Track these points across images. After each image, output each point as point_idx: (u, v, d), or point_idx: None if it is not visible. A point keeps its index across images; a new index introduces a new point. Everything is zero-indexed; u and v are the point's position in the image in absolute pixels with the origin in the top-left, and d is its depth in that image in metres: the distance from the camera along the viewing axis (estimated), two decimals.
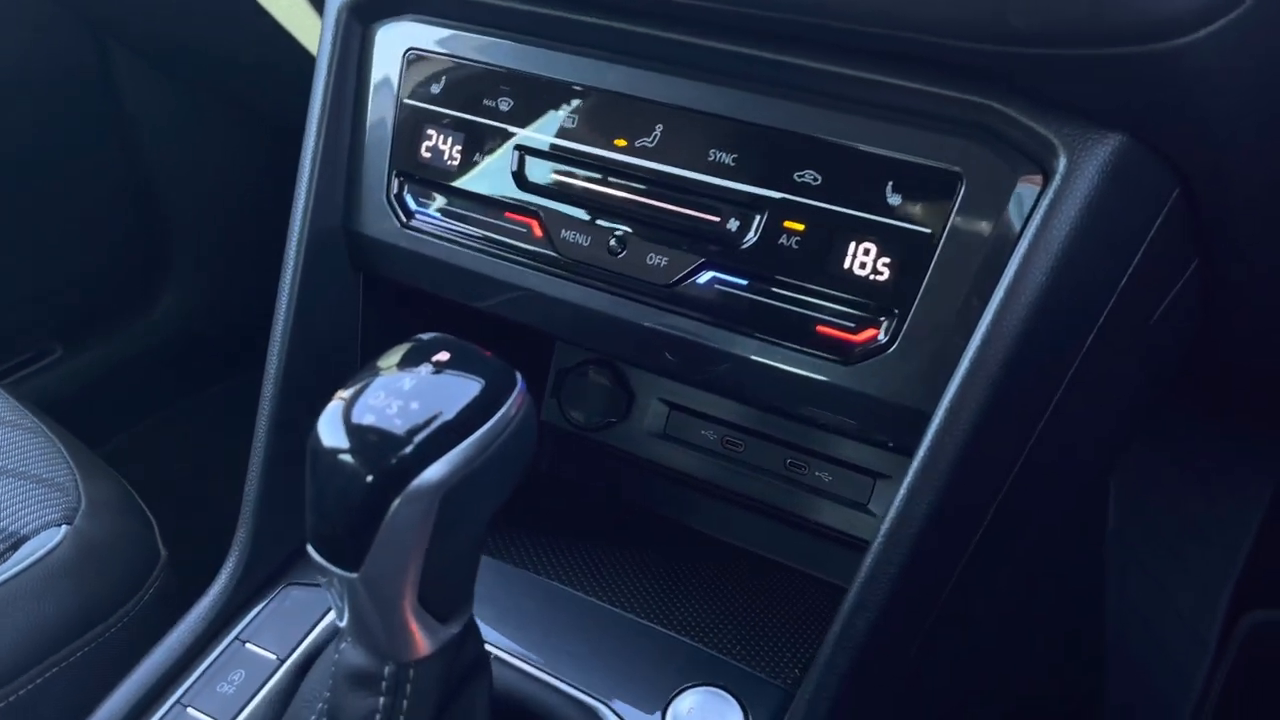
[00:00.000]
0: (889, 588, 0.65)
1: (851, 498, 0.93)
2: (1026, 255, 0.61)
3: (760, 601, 0.87)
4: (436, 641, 0.61)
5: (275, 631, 0.79)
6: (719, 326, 0.72)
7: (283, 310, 0.83)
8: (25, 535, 0.83)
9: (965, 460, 0.63)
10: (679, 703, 0.73)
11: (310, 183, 0.81)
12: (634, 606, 0.83)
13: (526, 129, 0.76)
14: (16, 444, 0.92)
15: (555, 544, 0.90)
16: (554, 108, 0.75)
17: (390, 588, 0.56)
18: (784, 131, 0.68)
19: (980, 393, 0.63)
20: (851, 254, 0.67)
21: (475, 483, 0.55)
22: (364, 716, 0.61)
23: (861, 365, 0.67)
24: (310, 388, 0.84)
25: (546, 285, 0.78)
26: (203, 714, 0.74)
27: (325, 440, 0.55)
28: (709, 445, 0.99)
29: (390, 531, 0.54)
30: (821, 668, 0.66)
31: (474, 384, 0.56)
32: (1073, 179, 0.60)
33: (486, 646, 0.66)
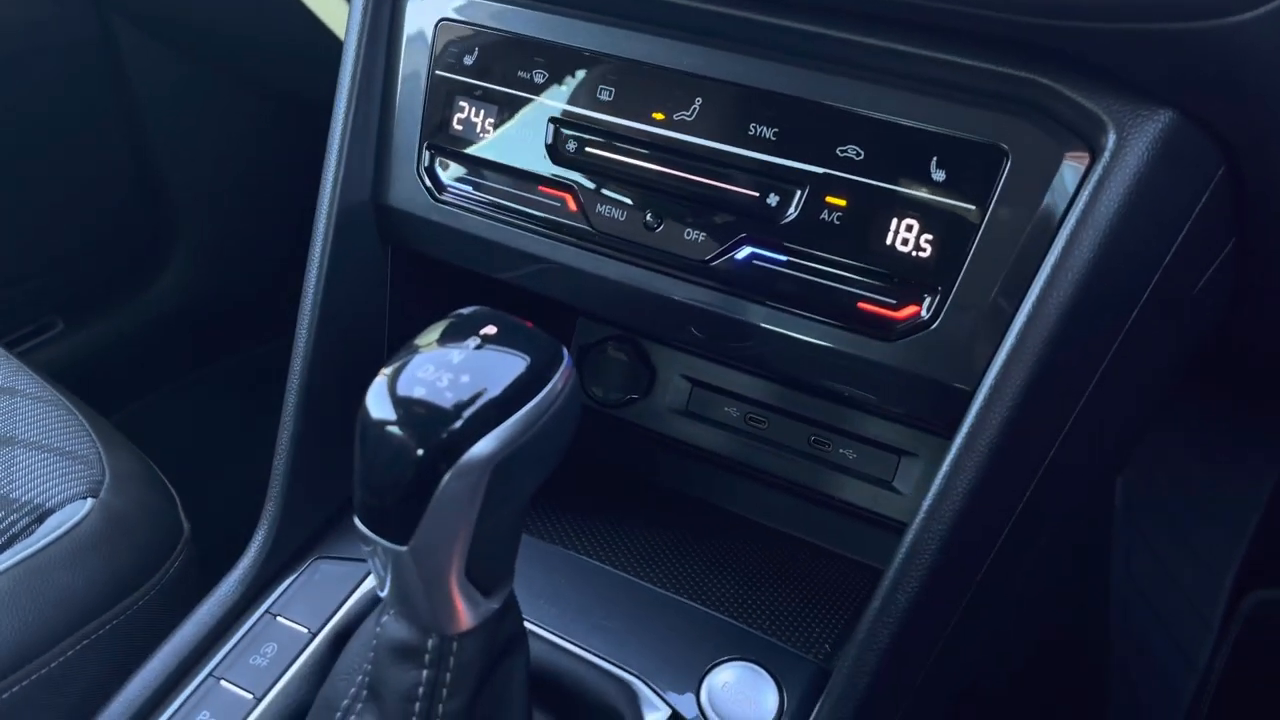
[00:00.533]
0: (928, 565, 0.65)
1: (876, 475, 0.93)
2: (1073, 233, 0.61)
3: (786, 578, 0.87)
4: (479, 615, 0.61)
5: (306, 605, 0.79)
6: (757, 303, 0.71)
7: (311, 284, 0.82)
8: (51, 508, 0.83)
9: (1007, 438, 0.63)
10: (713, 677, 0.73)
11: (340, 156, 0.81)
12: (665, 582, 0.83)
13: (561, 101, 0.75)
14: (39, 417, 0.91)
15: (582, 519, 0.90)
16: (590, 80, 0.74)
17: (438, 560, 0.56)
18: (826, 106, 0.67)
19: (1024, 371, 0.63)
20: (894, 230, 0.67)
21: (524, 456, 0.55)
22: (407, 689, 0.61)
23: (903, 342, 0.67)
24: (338, 362, 0.84)
25: (580, 260, 0.77)
26: (236, 686, 0.74)
27: (376, 413, 0.54)
28: (732, 422, 0.99)
29: (440, 505, 0.54)
30: (860, 644, 0.66)
31: (522, 358, 0.56)
32: (1121, 156, 0.60)
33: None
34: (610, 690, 0.73)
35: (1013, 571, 0.74)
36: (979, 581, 0.68)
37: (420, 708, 0.61)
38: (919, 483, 0.91)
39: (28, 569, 0.76)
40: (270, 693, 0.73)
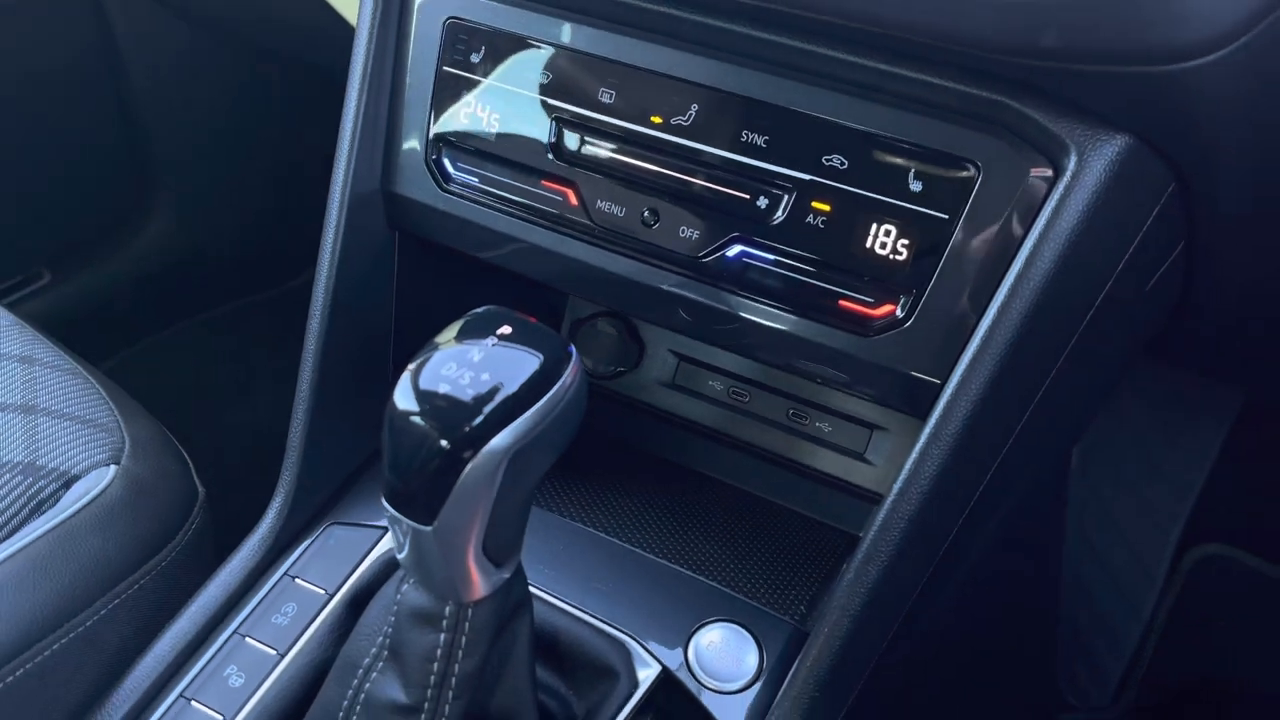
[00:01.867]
0: (897, 540, 0.72)
1: (849, 447, 0.99)
2: (1037, 243, 0.67)
3: (765, 542, 0.94)
4: (492, 584, 0.67)
5: (322, 567, 0.85)
6: (745, 297, 0.77)
7: (324, 266, 0.87)
8: (76, 474, 0.88)
9: (972, 426, 0.70)
10: (699, 637, 0.80)
11: (351, 147, 0.85)
12: (652, 547, 0.89)
13: (565, 102, 0.80)
14: (58, 385, 0.96)
15: (574, 486, 0.96)
16: (592, 82, 0.79)
17: (459, 538, 0.62)
18: (814, 117, 0.72)
19: (989, 366, 0.69)
20: (874, 234, 0.72)
21: (537, 445, 0.61)
22: (427, 650, 0.67)
23: (879, 338, 0.73)
24: (349, 339, 0.89)
25: (580, 251, 0.82)
26: (260, 643, 0.80)
27: (405, 407, 0.60)
28: (716, 395, 1.05)
29: (462, 490, 0.60)
30: (835, 609, 0.73)
31: (535, 356, 0.62)
32: (1082, 174, 0.66)
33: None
34: (605, 648, 0.80)
35: (975, 540, 0.81)
36: (944, 552, 0.76)
37: (438, 667, 0.68)
38: (889, 455, 0.98)
39: (61, 534, 0.82)
40: (292, 649, 0.79)
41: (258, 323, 2.11)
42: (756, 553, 0.92)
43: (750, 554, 0.92)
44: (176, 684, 0.79)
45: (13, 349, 0.99)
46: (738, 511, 0.99)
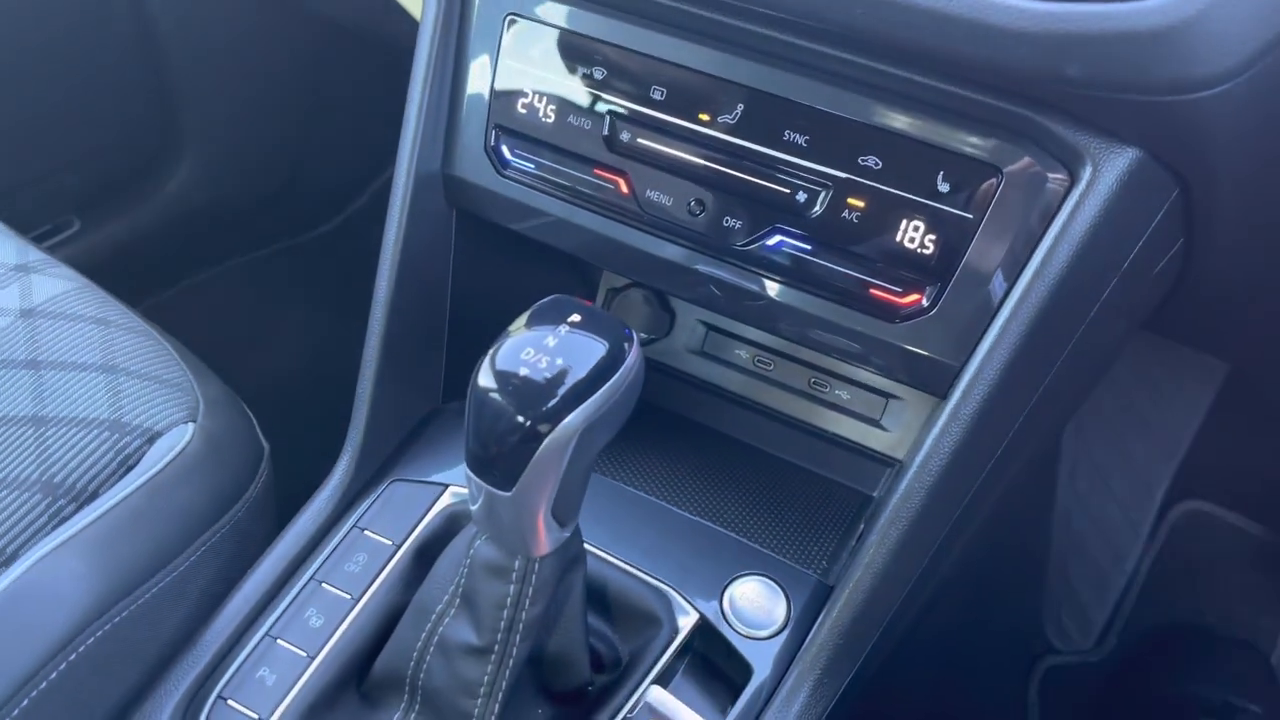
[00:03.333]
0: (917, 506, 0.80)
1: (866, 414, 1.07)
2: (1053, 242, 0.74)
3: (787, 500, 1.03)
4: (555, 542, 0.75)
5: (388, 521, 0.93)
6: (781, 282, 0.84)
7: (390, 240, 0.93)
8: (159, 431, 0.95)
9: (988, 405, 0.78)
10: (733, 588, 0.89)
11: (416, 132, 0.91)
12: (687, 505, 0.98)
13: (618, 97, 0.86)
14: (134, 347, 1.02)
15: (617, 450, 1.04)
16: (645, 80, 0.85)
17: (533, 503, 0.70)
18: (853, 120, 0.79)
19: (1006, 352, 0.77)
20: (904, 230, 0.79)
21: (603, 422, 0.69)
22: (498, 598, 0.76)
23: (905, 324, 0.81)
24: (410, 308, 0.96)
25: (627, 235, 0.89)
26: (336, 588, 0.88)
27: (489, 388, 0.67)
28: (741, 363, 1.12)
29: (539, 461, 0.67)
30: (860, 567, 0.82)
31: (602, 342, 0.69)
32: (1095, 182, 0.73)
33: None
34: (649, 598, 0.88)
35: (985, 504, 0.90)
36: (958, 517, 0.84)
37: (508, 614, 0.76)
38: (903, 422, 1.06)
39: (153, 487, 0.89)
40: (365, 595, 0.88)
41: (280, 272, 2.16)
42: (780, 510, 1.01)
43: (775, 512, 1.00)
44: (261, 624, 0.87)
45: (88, 311, 1.06)
46: (761, 471, 1.07)
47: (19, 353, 1.01)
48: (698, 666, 0.87)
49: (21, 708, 0.76)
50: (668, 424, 1.12)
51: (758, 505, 1.00)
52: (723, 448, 1.10)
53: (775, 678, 0.84)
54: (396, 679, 0.82)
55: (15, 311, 1.05)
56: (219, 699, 0.83)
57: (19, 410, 0.95)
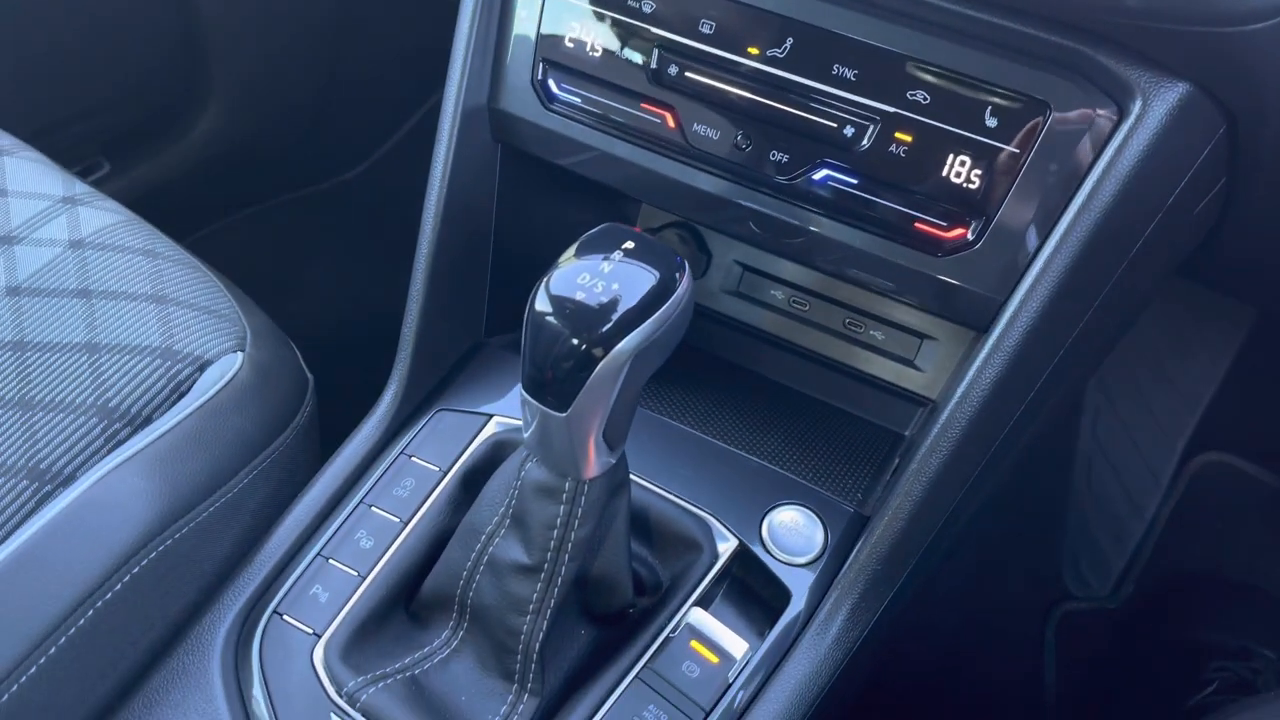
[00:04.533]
0: (956, 438, 0.82)
1: (900, 354, 1.09)
2: (1100, 177, 0.75)
3: (822, 437, 1.05)
4: (603, 465, 0.77)
5: (434, 448, 0.95)
6: (826, 216, 0.86)
7: (437, 175, 0.94)
8: (209, 359, 0.97)
9: (1030, 339, 0.79)
10: (773, 516, 0.91)
11: (464, 67, 0.92)
12: (727, 438, 1.00)
13: (667, 30, 0.86)
14: (183, 278, 1.04)
15: (655, 385, 1.06)
16: (694, 13, 0.85)
17: (586, 424, 0.72)
18: (901, 55, 0.80)
19: (1048, 286, 0.78)
20: (950, 164, 0.80)
21: (656, 346, 0.71)
22: (548, 519, 0.78)
23: (949, 258, 0.82)
24: (455, 241, 0.97)
25: (672, 169, 0.90)
26: (385, 511, 0.91)
27: (546, 312, 0.69)
28: (777, 304, 1.14)
29: (593, 384, 0.69)
30: (900, 495, 0.84)
31: (655, 269, 0.70)
32: (1145, 117, 0.74)
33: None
34: (690, 524, 0.90)
35: (1018, 443, 0.91)
36: (993, 452, 0.86)
37: (557, 534, 0.78)
38: (937, 362, 1.07)
39: (206, 412, 0.91)
40: (414, 518, 0.90)
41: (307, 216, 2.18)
42: (815, 445, 1.03)
43: (810, 446, 1.02)
44: (313, 545, 0.90)
45: (136, 242, 1.08)
46: (795, 409, 1.09)
47: (70, 282, 1.03)
48: (737, 591, 0.90)
49: (88, 617, 0.79)
50: (703, 364, 1.14)
51: (793, 440, 1.02)
52: (757, 387, 1.12)
53: (812, 603, 0.87)
54: (445, 598, 0.85)
55: (65, 242, 1.07)
56: (274, 614, 0.86)
57: (73, 338, 0.97)
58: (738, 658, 0.83)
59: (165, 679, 0.83)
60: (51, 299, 1.01)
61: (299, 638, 0.85)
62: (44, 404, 0.92)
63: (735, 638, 0.84)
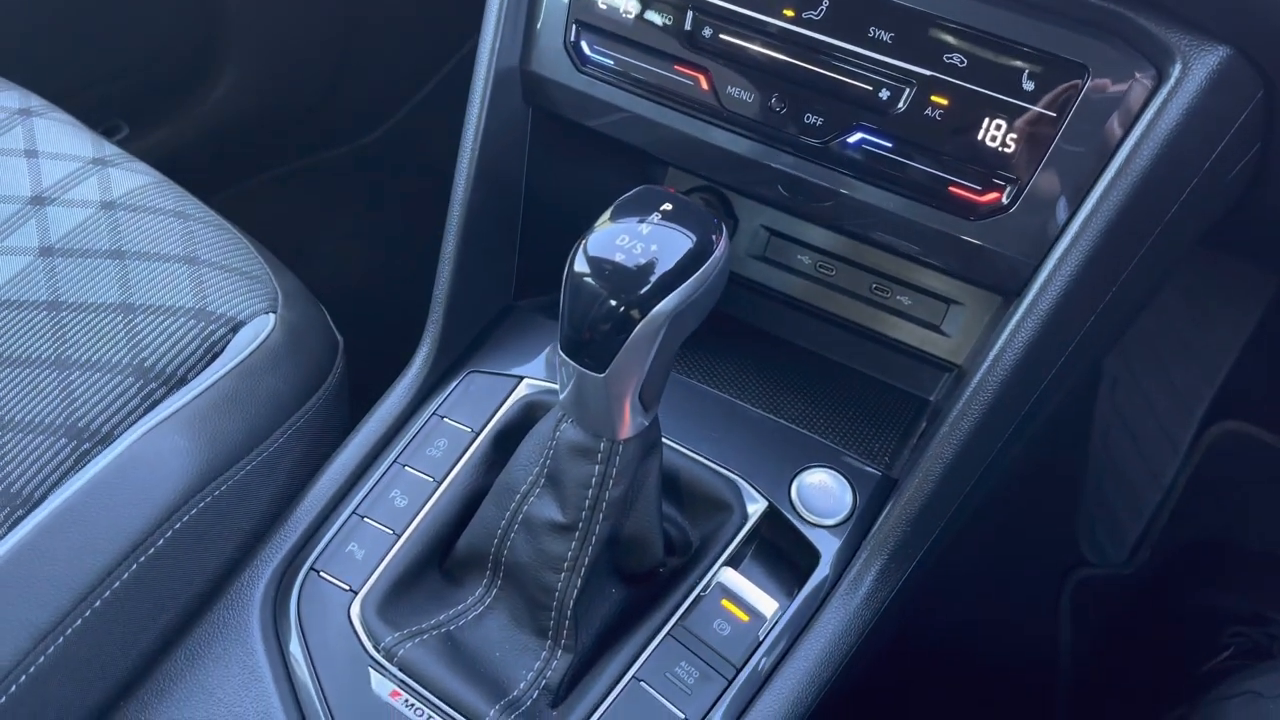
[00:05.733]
0: (987, 401, 0.82)
1: (927, 319, 1.09)
2: (1136, 142, 0.75)
3: (849, 402, 1.05)
4: (638, 426, 0.78)
5: (466, 409, 0.96)
6: (860, 179, 0.86)
7: (469, 137, 0.95)
8: (242, 320, 0.98)
9: (1062, 304, 0.80)
10: (802, 478, 0.92)
11: (496, 29, 0.92)
12: (755, 402, 1.00)
13: None
14: (214, 240, 1.05)
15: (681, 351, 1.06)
16: None
17: (622, 385, 0.73)
18: (938, 17, 0.79)
19: (1082, 250, 0.78)
20: (986, 128, 0.80)
21: (693, 308, 0.71)
22: (583, 478, 0.79)
23: (982, 222, 0.82)
24: (487, 204, 0.98)
25: (706, 133, 0.90)
26: (418, 471, 0.92)
27: (585, 273, 0.69)
28: (803, 269, 1.14)
29: (632, 344, 0.70)
30: (930, 458, 0.84)
31: (693, 231, 0.71)
32: (1184, 80, 0.74)
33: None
34: (720, 486, 0.91)
35: (1047, 407, 0.92)
36: (1023, 416, 0.86)
37: (592, 493, 0.79)
38: (963, 327, 1.08)
39: (242, 372, 0.92)
40: (448, 478, 0.91)
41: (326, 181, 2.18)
42: (842, 410, 1.03)
43: (836, 411, 1.03)
44: (348, 504, 0.91)
45: (167, 204, 1.09)
46: (820, 375, 1.10)
47: (103, 243, 1.04)
48: (766, 552, 0.91)
49: (131, 571, 0.80)
50: (729, 329, 1.14)
51: (820, 404, 1.03)
52: (782, 352, 1.13)
53: (841, 563, 0.88)
54: (479, 556, 0.86)
55: (97, 203, 1.08)
56: (311, 570, 0.88)
57: (107, 298, 0.98)
58: (768, 616, 0.84)
59: (206, 633, 0.85)
60: (85, 259, 1.02)
61: (336, 594, 0.86)
62: (80, 363, 0.93)
63: (765, 597, 0.85)
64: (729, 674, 0.82)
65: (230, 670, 0.82)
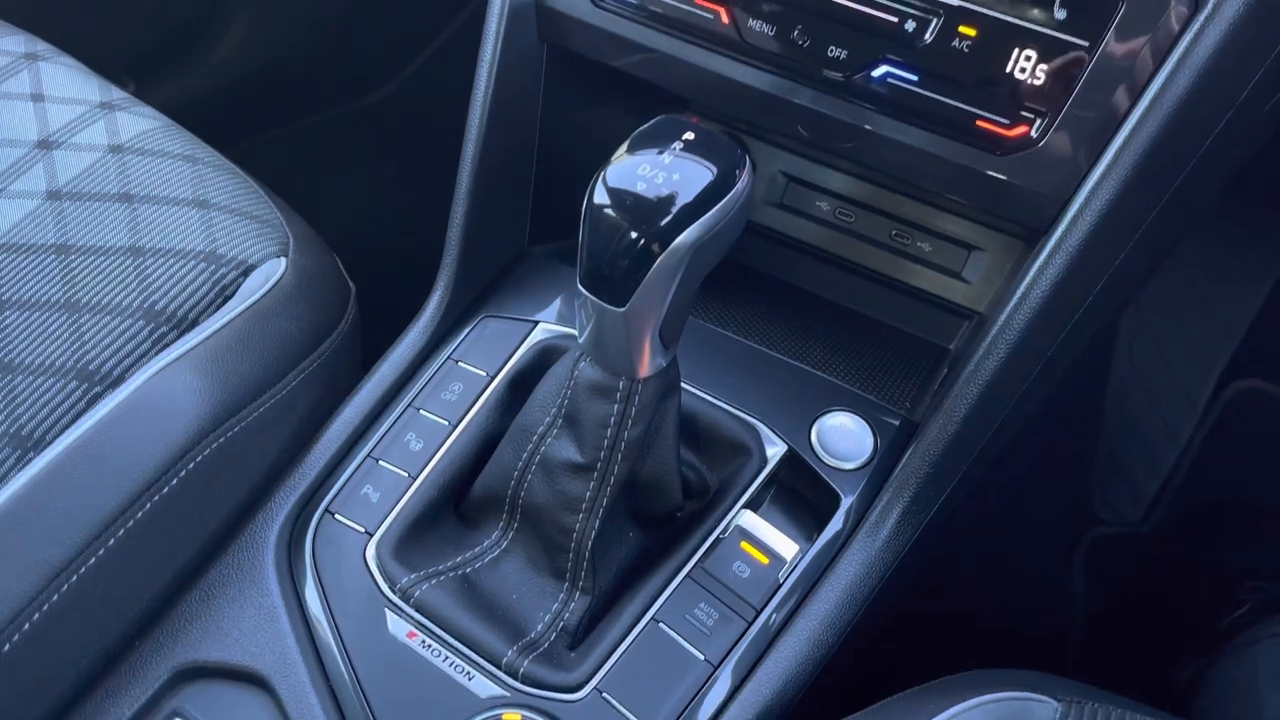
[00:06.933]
0: (1014, 340, 0.81)
1: (948, 266, 1.07)
2: (1171, 72, 0.73)
3: (867, 349, 1.04)
4: (656, 365, 0.77)
5: (481, 353, 0.95)
6: (887, 115, 0.84)
7: (483, 76, 0.93)
8: (253, 264, 0.96)
9: (1091, 240, 0.78)
10: (822, 422, 0.91)
11: None
12: (774, 347, 0.99)
13: None
14: (224, 184, 1.03)
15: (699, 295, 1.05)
16: None
17: (643, 319, 0.71)
18: None
19: (1114, 185, 0.76)
20: (1015, 59, 0.78)
21: (715, 240, 0.70)
22: (602, 417, 0.78)
23: (1010, 157, 0.80)
24: (501, 146, 0.96)
25: (726, 68, 0.88)
26: (433, 414, 0.91)
27: (606, 204, 0.68)
28: (822, 215, 1.12)
29: (653, 277, 0.68)
30: (954, 397, 0.83)
31: (715, 161, 0.69)
32: (1221, 6, 0.71)
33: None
34: (738, 429, 0.90)
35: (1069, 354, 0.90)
36: (1048, 359, 0.84)
37: (611, 433, 0.78)
38: (984, 273, 1.06)
39: (253, 315, 0.91)
40: (463, 421, 0.90)
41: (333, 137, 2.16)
42: (861, 357, 1.02)
43: (855, 357, 1.01)
44: (363, 447, 0.90)
45: (176, 148, 1.07)
46: (838, 322, 1.08)
47: (111, 186, 1.02)
48: (785, 496, 0.90)
49: (145, 510, 0.79)
50: (746, 278, 1.13)
51: (838, 351, 1.01)
52: (799, 301, 1.11)
53: (862, 506, 0.87)
54: (495, 498, 0.85)
55: (104, 147, 1.06)
56: (326, 512, 0.87)
57: (117, 241, 0.97)
58: (788, 559, 0.84)
59: (221, 573, 0.84)
60: (93, 203, 1.01)
61: (351, 536, 0.85)
62: (90, 306, 0.92)
63: (785, 539, 0.84)
64: (748, 616, 0.81)
65: (245, 611, 0.82)
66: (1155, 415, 1.76)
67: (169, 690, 0.79)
